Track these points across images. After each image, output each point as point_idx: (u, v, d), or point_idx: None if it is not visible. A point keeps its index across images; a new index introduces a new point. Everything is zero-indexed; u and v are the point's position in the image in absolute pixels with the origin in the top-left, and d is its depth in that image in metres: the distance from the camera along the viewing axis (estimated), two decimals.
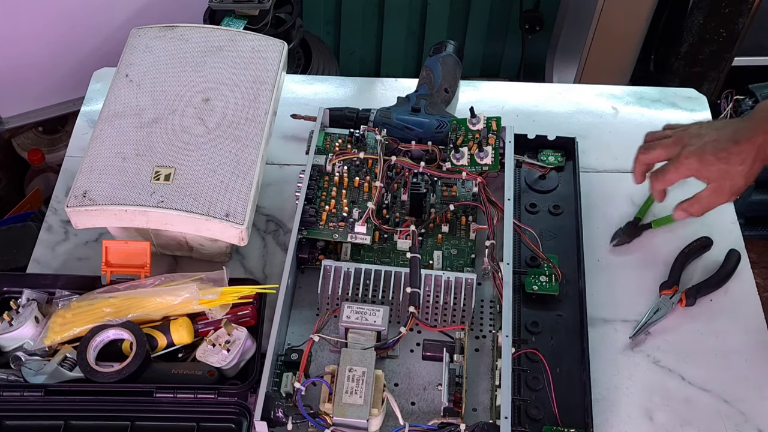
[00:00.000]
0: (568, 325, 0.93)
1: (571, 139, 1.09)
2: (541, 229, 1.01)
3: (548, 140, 1.09)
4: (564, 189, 1.06)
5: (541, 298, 0.95)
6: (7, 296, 0.93)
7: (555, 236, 1.01)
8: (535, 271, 0.97)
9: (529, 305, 0.95)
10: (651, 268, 1.00)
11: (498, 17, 2.16)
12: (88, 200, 0.91)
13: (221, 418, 0.85)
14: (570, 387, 0.88)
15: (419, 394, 0.88)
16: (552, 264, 0.96)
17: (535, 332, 0.92)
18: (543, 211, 1.04)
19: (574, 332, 0.92)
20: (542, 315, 0.94)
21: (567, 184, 1.07)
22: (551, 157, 1.09)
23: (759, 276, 1.89)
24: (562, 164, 1.08)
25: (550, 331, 0.93)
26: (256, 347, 0.89)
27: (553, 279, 0.95)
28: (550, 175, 1.07)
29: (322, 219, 0.97)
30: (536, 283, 0.95)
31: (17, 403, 0.85)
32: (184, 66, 1.03)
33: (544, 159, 1.09)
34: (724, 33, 1.70)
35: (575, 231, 1.01)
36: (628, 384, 0.91)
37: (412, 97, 1.10)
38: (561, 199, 1.05)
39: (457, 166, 0.99)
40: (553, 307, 0.95)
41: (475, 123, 1.01)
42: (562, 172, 1.08)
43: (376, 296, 0.92)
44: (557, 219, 1.04)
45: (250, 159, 0.95)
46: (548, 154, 1.09)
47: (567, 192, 1.06)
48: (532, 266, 0.97)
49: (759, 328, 0.96)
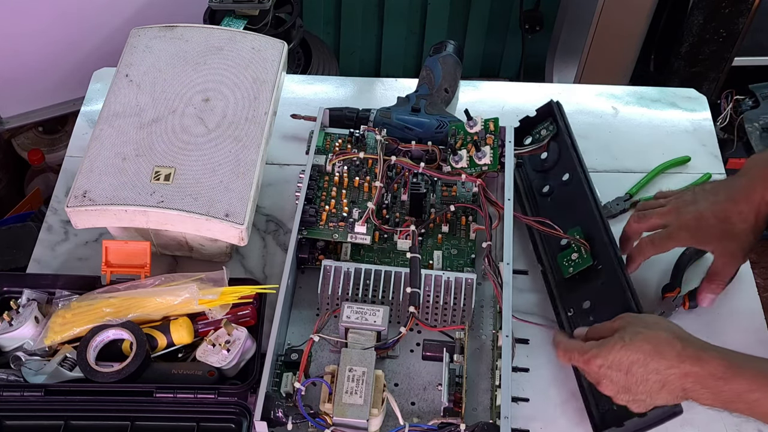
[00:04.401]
0: (613, 291, 0.91)
1: (549, 103, 1.05)
2: (559, 207, 0.99)
3: (531, 118, 1.06)
4: (565, 154, 1.03)
5: (582, 275, 0.94)
6: (7, 296, 0.93)
7: (572, 207, 0.99)
8: (564, 253, 0.96)
9: (573, 288, 0.94)
10: (652, 271, 1.00)
11: (498, 17, 2.16)
12: (88, 200, 0.91)
13: (221, 418, 0.85)
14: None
15: (419, 394, 0.88)
16: (577, 238, 0.95)
17: (592, 312, 0.91)
18: (557, 189, 1.02)
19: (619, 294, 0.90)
20: (589, 290, 0.93)
21: (566, 148, 1.02)
22: (543, 131, 1.06)
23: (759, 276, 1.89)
24: (554, 131, 1.04)
25: (603, 302, 0.91)
26: (256, 347, 0.89)
27: (582, 251, 0.94)
28: (550, 148, 1.04)
29: (322, 219, 0.97)
30: (570, 264, 0.95)
31: (17, 403, 0.85)
32: (184, 66, 1.03)
33: (538, 136, 1.07)
34: (724, 33, 1.70)
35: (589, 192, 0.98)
36: None
37: (412, 97, 1.10)
38: (566, 168, 1.02)
39: (456, 169, 0.99)
40: (594, 276, 0.93)
41: (472, 125, 1.01)
42: (559, 139, 1.04)
43: (376, 296, 0.92)
44: (570, 188, 1.01)
45: (250, 159, 0.95)
46: (539, 129, 1.06)
47: (568, 156, 1.02)
48: (564, 248, 0.96)
49: (759, 328, 0.96)
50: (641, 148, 1.16)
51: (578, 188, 0.99)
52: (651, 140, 1.17)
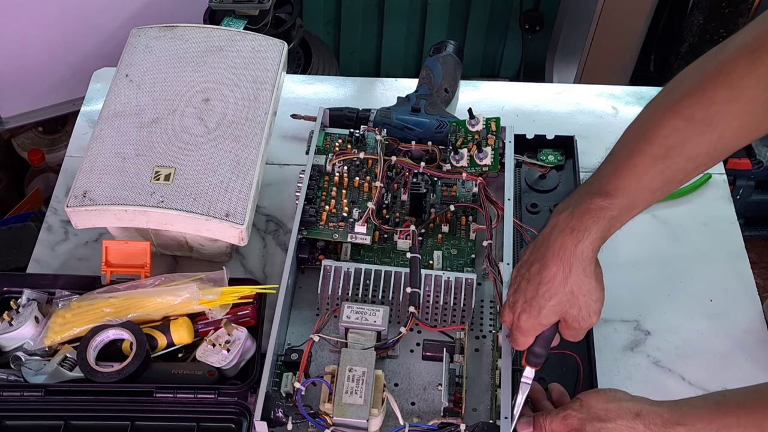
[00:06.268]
0: None
1: (570, 138, 1.09)
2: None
3: (547, 139, 1.09)
4: (564, 188, 1.06)
5: None
6: (7, 296, 0.93)
7: None
8: None
9: None
10: (651, 268, 1.00)
11: (498, 17, 2.16)
12: (88, 200, 0.91)
13: (221, 418, 0.85)
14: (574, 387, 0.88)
15: (419, 394, 0.88)
16: None
17: None
18: (544, 210, 1.04)
19: None
20: None
21: (567, 183, 1.06)
22: (551, 157, 1.09)
23: (759, 276, 1.89)
24: (561, 163, 1.08)
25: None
26: (256, 347, 0.89)
27: None
28: (550, 175, 1.07)
29: (322, 219, 0.97)
30: None
31: (17, 403, 0.85)
32: (184, 66, 1.03)
33: (544, 158, 1.09)
34: (724, 33, 1.70)
35: None
36: (628, 384, 0.91)
37: (412, 97, 1.10)
38: (562, 198, 1.04)
39: (456, 167, 0.99)
40: None
41: (474, 124, 1.01)
42: (563, 172, 1.08)
43: (376, 296, 0.92)
44: None
45: (250, 159, 0.95)
46: (548, 154, 1.09)
47: (568, 191, 1.05)
48: None
49: (759, 328, 0.96)
50: None
51: None
52: None
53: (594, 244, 0.74)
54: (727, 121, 0.72)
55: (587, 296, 0.75)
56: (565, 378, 0.88)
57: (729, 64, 0.72)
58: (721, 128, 0.72)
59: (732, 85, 0.71)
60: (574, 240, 0.74)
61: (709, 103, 0.72)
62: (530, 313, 0.76)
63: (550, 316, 0.76)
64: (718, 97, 0.71)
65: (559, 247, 0.74)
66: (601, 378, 0.89)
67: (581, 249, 0.74)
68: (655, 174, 0.74)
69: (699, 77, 0.73)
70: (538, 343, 0.79)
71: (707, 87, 0.72)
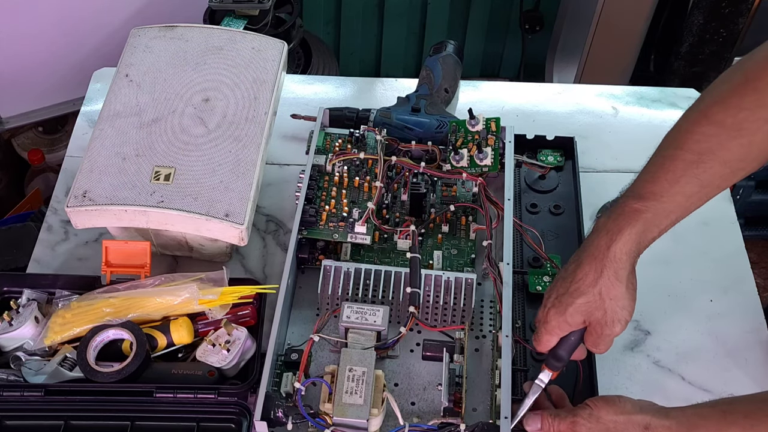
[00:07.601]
0: None
1: (570, 139, 1.09)
2: (542, 229, 1.01)
3: (547, 140, 1.09)
4: (564, 189, 1.06)
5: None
6: (7, 296, 0.93)
7: (557, 236, 1.01)
8: (537, 271, 0.97)
9: (533, 305, 0.95)
10: (651, 267, 1.00)
11: (498, 17, 2.16)
12: (88, 200, 0.91)
13: (221, 418, 0.85)
14: (573, 387, 0.88)
15: (419, 394, 0.88)
16: (554, 264, 0.96)
17: None
18: (544, 211, 1.05)
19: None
20: None
21: (567, 184, 1.07)
22: (550, 157, 1.09)
23: (759, 276, 1.89)
24: (561, 164, 1.08)
25: None
26: (256, 347, 0.89)
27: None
28: (549, 175, 1.07)
29: (322, 219, 0.97)
30: (539, 283, 0.95)
31: (17, 403, 0.85)
32: (184, 66, 1.03)
33: (544, 159, 1.09)
34: (724, 33, 1.70)
35: (576, 231, 1.01)
36: (628, 384, 0.91)
37: (412, 97, 1.10)
38: (561, 198, 1.05)
39: (456, 167, 0.99)
40: None
41: (474, 124, 1.01)
42: (562, 172, 1.08)
43: (376, 296, 0.92)
44: (558, 219, 1.04)
45: (250, 159, 0.95)
46: (547, 154, 1.09)
47: (567, 192, 1.06)
48: (535, 266, 0.97)
49: (759, 328, 0.96)
50: (641, 148, 1.15)
51: (569, 222, 1.03)
52: (651, 140, 1.16)
53: (627, 246, 0.76)
54: (756, 126, 0.75)
55: (614, 301, 0.77)
56: (565, 378, 0.88)
57: (756, 72, 0.75)
58: (751, 133, 0.75)
59: (759, 90, 0.74)
60: (608, 241, 0.77)
61: (737, 109, 0.75)
62: (558, 308, 0.78)
63: (575, 315, 0.77)
64: (745, 103, 0.74)
65: (594, 248, 0.77)
66: (601, 378, 0.89)
67: (614, 250, 0.76)
68: (689, 178, 0.77)
69: (728, 85, 0.77)
70: (562, 346, 0.80)
71: (735, 94, 0.76)
